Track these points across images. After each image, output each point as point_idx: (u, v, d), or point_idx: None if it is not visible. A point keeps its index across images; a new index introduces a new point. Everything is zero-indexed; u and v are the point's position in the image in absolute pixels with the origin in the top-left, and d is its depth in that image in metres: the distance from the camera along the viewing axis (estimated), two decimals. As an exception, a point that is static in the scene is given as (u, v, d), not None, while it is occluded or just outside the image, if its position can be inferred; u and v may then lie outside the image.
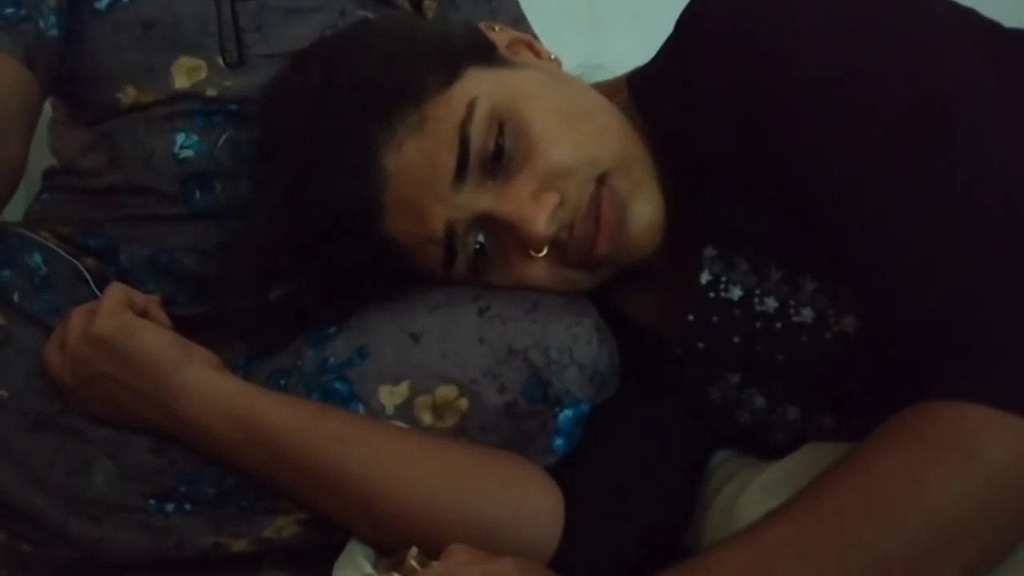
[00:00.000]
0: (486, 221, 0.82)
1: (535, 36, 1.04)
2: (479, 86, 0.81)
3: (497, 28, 0.91)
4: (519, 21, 1.10)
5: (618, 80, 0.91)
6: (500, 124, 0.80)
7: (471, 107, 0.80)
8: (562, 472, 0.82)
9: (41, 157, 1.06)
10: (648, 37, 0.91)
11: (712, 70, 0.79)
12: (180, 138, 0.98)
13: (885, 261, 0.71)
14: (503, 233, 0.82)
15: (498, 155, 0.80)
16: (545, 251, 0.81)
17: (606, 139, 0.83)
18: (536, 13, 1.13)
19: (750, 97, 0.77)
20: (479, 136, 0.80)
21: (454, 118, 0.80)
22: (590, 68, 0.95)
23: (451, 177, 0.80)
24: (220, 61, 0.99)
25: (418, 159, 0.80)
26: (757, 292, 0.82)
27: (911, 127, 0.71)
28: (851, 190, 0.72)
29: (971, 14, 0.85)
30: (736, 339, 0.84)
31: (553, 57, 0.91)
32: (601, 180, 0.81)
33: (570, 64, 0.93)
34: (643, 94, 0.87)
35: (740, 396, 0.87)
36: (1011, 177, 0.70)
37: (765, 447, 0.87)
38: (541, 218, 0.79)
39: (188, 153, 0.98)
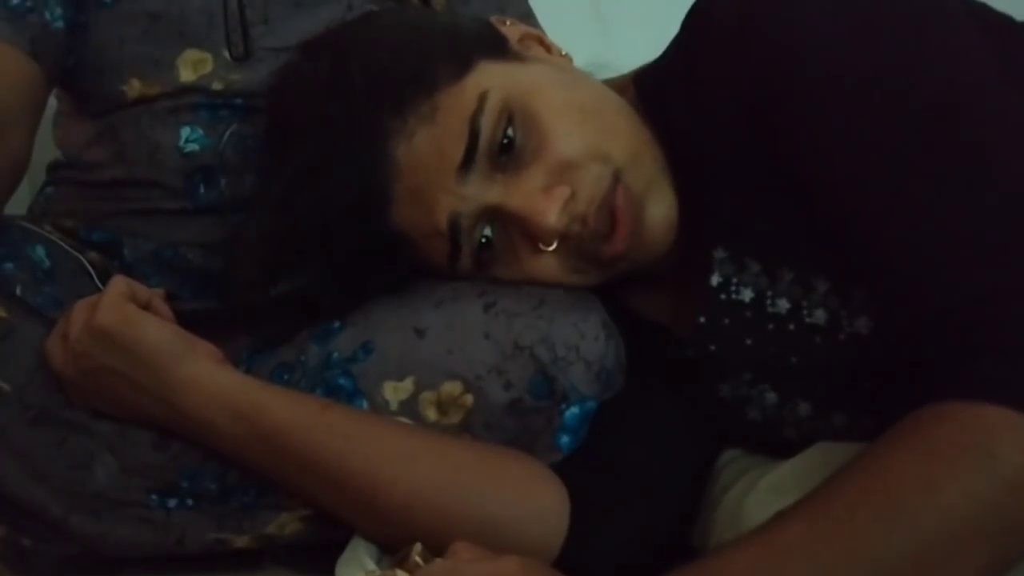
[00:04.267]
0: (495, 214, 0.81)
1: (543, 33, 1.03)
2: (491, 79, 0.81)
3: (508, 23, 0.90)
4: (527, 18, 1.09)
5: (624, 78, 0.91)
6: (510, 117, 0.80)
7: (482, 99, 0.79)
8: (568, 470, 0.81)
9: (46, 151, 1.06)
10: (655, 35, 0.90)
11: (720, 67, 0.78)
12: (185, 132, 0.97)
13: (898, 260, 0.70)
14: (512, 226, 0.81)
15: (508, 148, 0.80)
16: (555, 245, 0.81)
17: (616, 134, 0.82)
18: (543, 11, 1.13)
19: (758, 94, 0.76)
20: (489, 128, 0.79)
21: (465, 109, 0.79)
22: (597, 66, 0.95)
23: (457, 167, 0.79)
24: (226, 54, 0.98)
25: (428, 149, 0.80)
26: (769, 294, 0.81)
27: (923, 124, 0.71)
28: (863, 188, 0.72)
29: (983, 9, 0.84)
30: (748, 341, 0.83)
31: (564, 53, 0.91)
32: (616, 177, 0.80)
33: (577, 62, 0.93)
34: (650, 92, 0.87)
35: (751, 392, 0.86)
36: None
37: (775, 444, 0.87)
38: (552, 211, 0.78)
39: (193, 147, 0.97)
